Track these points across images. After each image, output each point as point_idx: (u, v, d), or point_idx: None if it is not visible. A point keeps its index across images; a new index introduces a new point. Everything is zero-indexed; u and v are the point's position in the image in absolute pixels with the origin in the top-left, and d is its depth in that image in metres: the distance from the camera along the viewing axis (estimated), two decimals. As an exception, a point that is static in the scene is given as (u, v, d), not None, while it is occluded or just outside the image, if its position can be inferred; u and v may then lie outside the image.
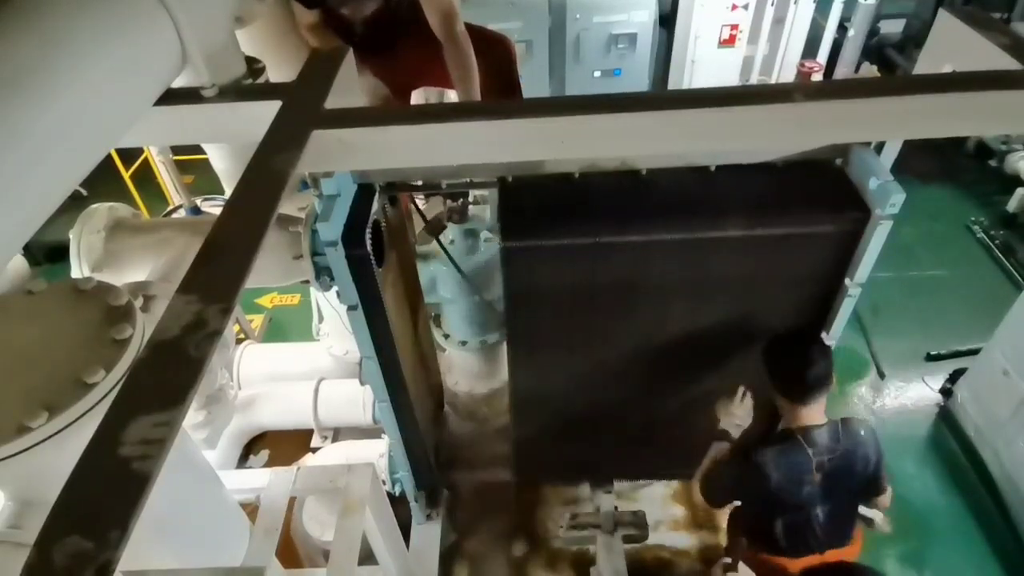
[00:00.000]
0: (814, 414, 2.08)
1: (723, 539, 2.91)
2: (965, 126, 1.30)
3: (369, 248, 1.82)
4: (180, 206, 4.06)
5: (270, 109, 1.28)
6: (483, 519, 3.23)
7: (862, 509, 2.36)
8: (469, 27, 2.44)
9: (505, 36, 2.78)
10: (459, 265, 2.66)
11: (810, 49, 6.99)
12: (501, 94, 2.70)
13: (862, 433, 2.14)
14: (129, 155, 5.58)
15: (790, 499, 2.14)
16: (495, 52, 2.68)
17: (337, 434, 3.53)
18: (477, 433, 3.25)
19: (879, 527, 2.43)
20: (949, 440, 4.09)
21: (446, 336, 3.06)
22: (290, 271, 2.00)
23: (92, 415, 1.14)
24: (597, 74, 6.82)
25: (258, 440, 3.64)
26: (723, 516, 3.11)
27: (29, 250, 4.49)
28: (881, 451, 2.18)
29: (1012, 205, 5.77)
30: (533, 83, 6.58)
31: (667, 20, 6.88)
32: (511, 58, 2.77)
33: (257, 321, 5.03)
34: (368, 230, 1.83)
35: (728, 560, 2.59)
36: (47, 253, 5.51)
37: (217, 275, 0.89)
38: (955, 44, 1.50)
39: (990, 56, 1.36)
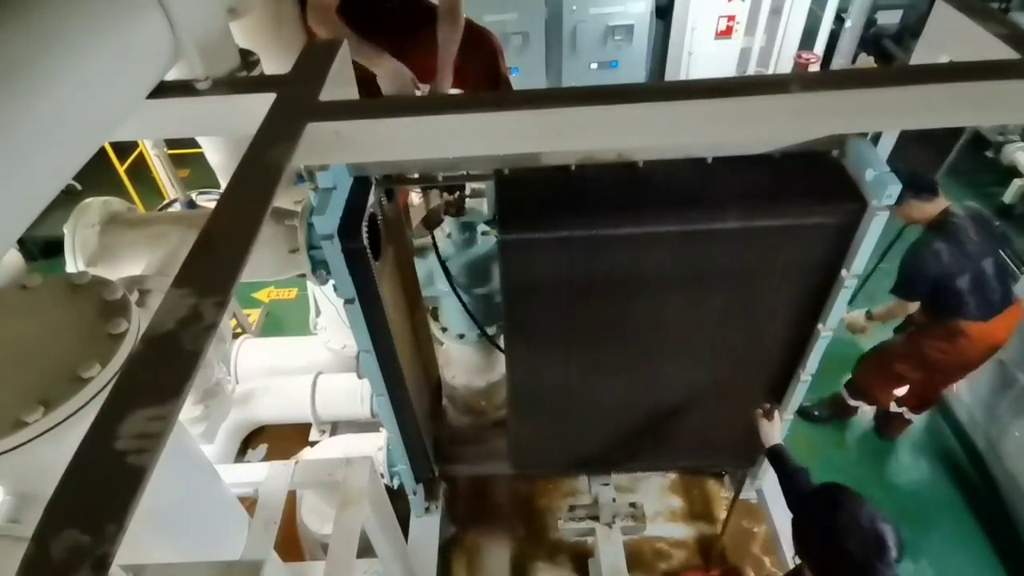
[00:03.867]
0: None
1: (719, 529, 2.93)
2: (962, 116, 1.30)
3: (366, 241, 1.82)
4: (175, 200, 4.05)
5: (265, 101, 1.27)
6: (482, 512, 3.24)
7: None
8: None
9: (486, 28, 2.84)
10: (455, 259, 2.66)
11: (807, 40, 6.97)
12: (489, 84, 2.74)
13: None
14: (124, 149, 5.55)
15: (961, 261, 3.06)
16: (482, 46, 2.75)
17: (335, 428, 3.53)
18: (475, 426, 3.26)
19: None
20: (945, 429, 4.11)
21: (444, 329, 3.06)
22: (286, 265, 2.00)
23: (88, 410, 1.13)
24: (594, 66, 6.80)
25: (256, 434, 3.64)
26: (721, 507, 3.13)
27: (24, 245, 4.48)
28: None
29: (1009, 196, 5.77)
30: (529, 75, 6.56)
31: (664, 11, 6.85)
32: (495, 50, 2.81)
33: (254, 315, 5.03)
34: (364, 223, 1.83)
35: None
36: (42, 248, 5.51)
37: (212, 269, 0.89)
38: (952, 34, 1.49)
39: (987, 46, 1.35)
